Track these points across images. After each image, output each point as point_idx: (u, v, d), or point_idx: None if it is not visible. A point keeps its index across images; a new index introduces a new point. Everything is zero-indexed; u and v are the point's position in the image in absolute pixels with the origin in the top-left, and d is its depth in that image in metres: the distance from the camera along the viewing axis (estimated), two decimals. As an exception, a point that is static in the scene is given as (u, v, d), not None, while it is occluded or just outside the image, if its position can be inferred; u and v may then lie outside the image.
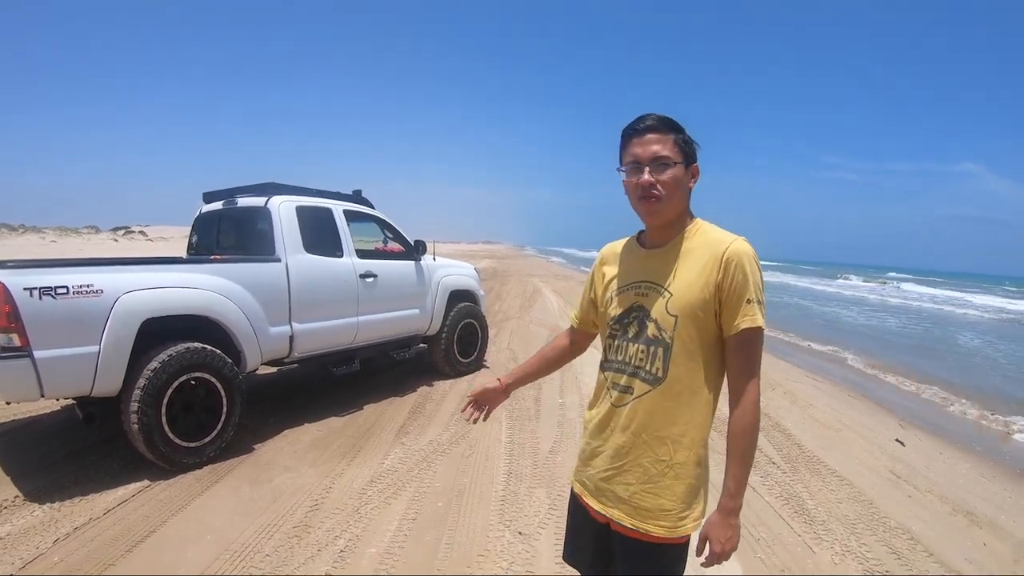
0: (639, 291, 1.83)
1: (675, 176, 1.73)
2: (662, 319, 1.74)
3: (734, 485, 1.70)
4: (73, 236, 44.16)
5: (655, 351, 1.75)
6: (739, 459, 1.70)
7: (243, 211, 6.30)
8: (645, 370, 1.77)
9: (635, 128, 1.77)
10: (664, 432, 1.75)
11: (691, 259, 1.74)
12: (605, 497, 1.86)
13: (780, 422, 6.66)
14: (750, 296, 1.66)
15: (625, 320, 1.84)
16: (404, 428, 5.85)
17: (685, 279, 1.73)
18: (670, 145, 1.73)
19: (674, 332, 1.72)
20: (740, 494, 1.70)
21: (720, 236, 1.74)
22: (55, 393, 4.28)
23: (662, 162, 1.72)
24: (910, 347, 15.37)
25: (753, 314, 1.66)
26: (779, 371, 9.96)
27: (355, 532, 3.81)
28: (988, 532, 4.44)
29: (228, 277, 5.17)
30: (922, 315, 26.22)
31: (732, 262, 1.67)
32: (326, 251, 6.22)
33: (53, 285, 4.10)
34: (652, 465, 1.77)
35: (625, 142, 1.80)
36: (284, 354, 5.79)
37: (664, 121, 1.76)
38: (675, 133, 1.76)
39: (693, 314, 1.70)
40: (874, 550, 3.92)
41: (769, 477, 5.03)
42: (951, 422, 8.02)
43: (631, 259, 1.93)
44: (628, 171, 1.79)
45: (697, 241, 1.77)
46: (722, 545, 1.69)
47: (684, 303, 1.71)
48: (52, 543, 3.56)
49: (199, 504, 4.14)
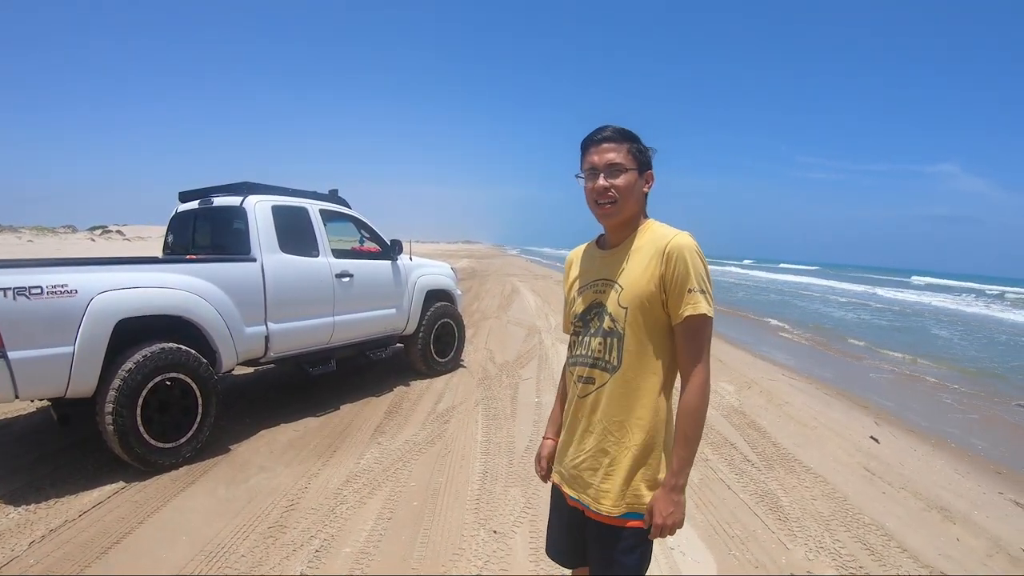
0: (597, 288, 1.97)
1: (629, 182, 1.87)
2: (615, 312, 1.88)
3: (678, 464, 1.82)
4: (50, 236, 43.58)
5: (611, 342, 1.89)
6: (683, 440, 1.82)
7: (219, 210, 6.29)
8: (604, 360, 1.91)
9: (592, 138, 1.92)
10: (621, 417, 1.89)
11: (639, 255, 1.88)
12: (577, 484, 1.98)
13: (756, 420, 6.74)
14: (692, 286, 1.78)
15: (587, 316, 1.98)
16: (380, 428, 5.88)
17: (633, 273, 1.86)
18: (624, 153, 1.87)
19: (625, 323, 1.86)
20: (683, 472, 1.82)
21: (664, 232, 1.88)
22: (30, 394, 4.26)
23: (617, 169, 1.87)
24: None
25: (696, 302, 1.78)
26: (756, 369, 10.08)
27: (330, 532, 3.84)
28: (962, 528, 4.48)
29: (203, 277, 5.16)
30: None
31: (674, 255, 1.79)
32: (302, 251, 6.22)
33: (27, 285, 4.07)
34: (614, 449, 1.90)
35: (584, 151, 1.95)
36: (260, 354, 5.79)
37: (620, 131, 1.90)
38: (630, 142, 1.90)
39: (641, 305, 1.84)
40: (848, 546, 3.97)
41: (744, 475, 5.09)
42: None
43: (591, 261, 2.07)
44: (586, 177, 1.94)
45: (646, 239, 1.90)
46: (664, 518, 1.80)
47: (632, 295, 1.85)
48: (27, 545, 3.56)
49: (175, 505, 4.15)
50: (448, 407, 6.63)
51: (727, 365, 10.06)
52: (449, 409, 6.54)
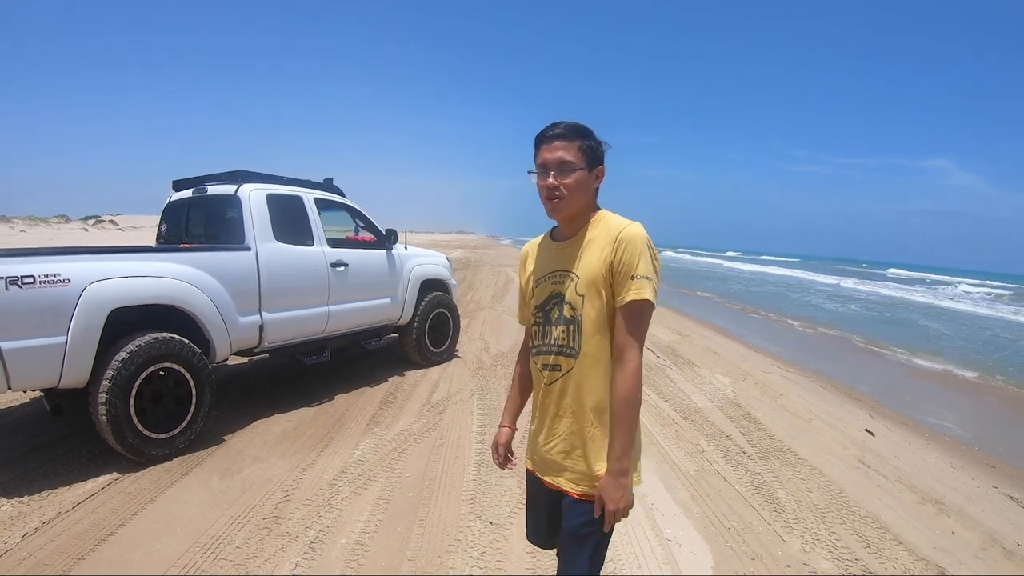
0: (555, 279, 2.03)
1: (577, 179, 1.93)
2: (573, 300, 1.95)
3: (619, 448, 1.85)
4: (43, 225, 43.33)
5: (571, 329, 1.96)
6: (621, 423, 1.86)
7: (213, 199, 6.24)
8: (568, 347, 1.97)
9: (545, 135, 1.97)
10: (585, 400, 1.96)
11: (594, 245, 1.94)
12: (551, 469, 2.07)
13: (751, 412, 6.74)
14: (635, 272, 1.84)
15: (547, 307, 2.05)
16: (375, 418, 5.86)
17: (588, 262, 1.93)
18: (574, 151, 1.93)
19: (582, 310, 1.93)
20: (626, 456, 1.86)
21: (617, 222, 1.95)
22: (22, 385, 4.23)
23: (566, 167, 1.93)
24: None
25: (638, 288, 1.84)
26: (750, 362, 10.11)
27: (326, 523, 3.83)
28: (956, 521, 4.52)
29: (197, 266, 5.12)
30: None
31: (624, 243, 1.87)
32: (296, 240, 6.19)
33: (19, 274, 4.03)
34: (581, 431, 1.98)
35: (536, 147, 2.00)
36: (254, 344, 5.76)
37: (571, 128, 1.96)
38: (581, 139, 1.95)
39: (596, 291, 1.91)
40: (843, 539, 3.99)
41: (740, 466, 5.10)
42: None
43: (546, 253, 2.13)
44: (537, 174, 1.99)
45: (599, 229, 1.97)
46: (615, 503, 1.85)
47: (587, 282, 1.92)
48: (20, 538, 3.54)
49: (169, 496, 4.13)
50: (443, 397, 6.61)
51: (722, 357, 10.08)
52: (444, 399, 6.52)
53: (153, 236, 7.23)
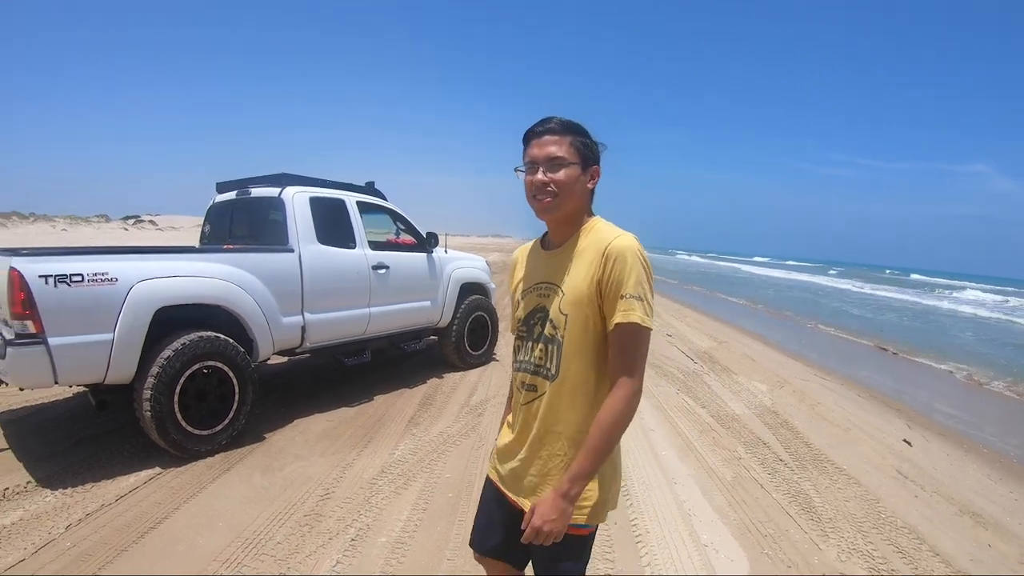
0: (540, 292, 1.89)
1: (569, 176, 1.78)
2: (556, 318, 1.80)
3: (576, 470, 1.70)
4: (84, 224, 44.18)
5: (551, 349, 1.82)
6: (589, 450, 1.71)
7: (256, 201, 6.31)
8: (545, 368, 1.84)
9: (534, 130, 1.83)
10: (557, 428, 1.82)
11: (582, 258, 1.79)
12: (520, 489, 1.91)
13: (788, 419, 6.63)
14: (625, 292, 1.69)
15: (531, 321, 1.91)
16: (414, 419, 5.85)
17: (574, 278, 1.78)
18: (566, 147, 1.79)
19: (565, 330, 1.78)
20: (578, 483, 1.70)
21: (607, 233, 1.79)
22: (69, 380, 4.30)
23: (557, 163, 1.78)
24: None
25: (628, 309, 1.68)
26: (787, 369, 9.96)
27: (366, 521, 3.81)
28: (994, 533, 4.43)
29: (241, 267, 5.17)
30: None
31: (612, 258, 1.71)
32: (339, 242, 6.22)
33: (68, 273, 4.11)
34: (549, 459, 1.84)
35: (525, 143, 1.86)
36: (296, 344, 5.79)
37: (564, 124, 1.81)
38: (573, 135, 1.81)
39: (581, 311, 1.76)
40: (880, 548, 3.92)
41: (777, 474, 5.02)
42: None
43: (535, 262, 1.98)
44: (526, 170, 1.85)
45: (589, 240, 1.81)
46: (543, 520, 1.69)
47: (572, 300, 1.77)
48: (64, 529, 3.57)
49: (211, 491, 4.15)
50: (482, 400, 6.58)
51: (759, 364, 9.95)
52: (483, 402, 6.49)
53: (191, 236, 7.33)
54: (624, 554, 3.61)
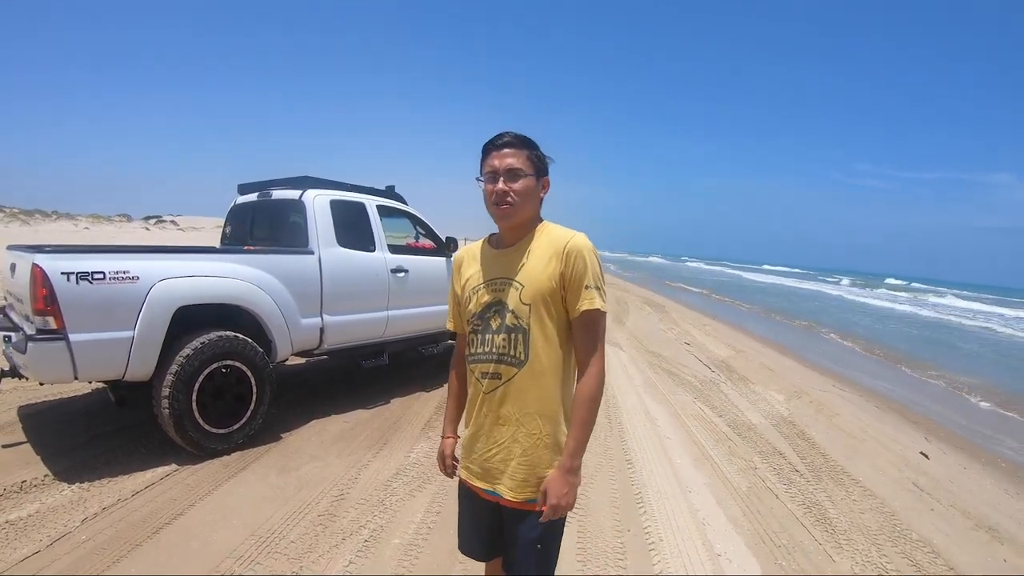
0: (495, 287, 2.01)
1: (527, 186, 1.95)
2: (518, 308, 1.94)
3: (574, 445, 1.89)
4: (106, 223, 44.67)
5: (516, 337, 1.95)
6: (580, 424, 1.90)
7: (277, 203, 6.35)
8: (510, 355, 1.95)
9: (494, 143, 1.99)
10: (532, 408, 1.95)
11: (538, 254, 1.96)
12: (490, 476, 2.03)
13: (805, 430, 6.57)
14: (588, 283, 1.89)
15: (487, 315, 2.02)
16: (430, 423, 5.85)
17: (534, 272, 1.94)
18: (523, 159, 1.96)
19: (529, 319, 1.93)
20: (578, 455, 1.90)
21: (562, 233, 1.98)
22: (88, 376, 4.35)
23: (516, 174, 1.94)
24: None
25: (592, 298, 1.89)
26: (805, 379, 9.85)
27: (380, 523, 3.81)
28: (1010, 548, 4.38)
29: (261, 268, 5.21)
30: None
31: (572, 255, 1.90)
32: (358, 245, 6.24)
33: (90, 270, 4.16)
34: (526, 439, 1.96)
35: (484, 155, 2.01)
36: (314, 345, 5.82)
37: (519, 138, 1.99)
38: (528, 149, 1.98)
39: (544, 301, 1.92)
40: (894, 561, 3.89)
41: (792, 485, 4.97)
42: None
43: (485, 260, 2.11)
44: (486, 180, 1.99)
45: (543, 239, 1.99)
46: (558, 499, 1.85)
47: (534, 292, 1.92)
48: (80, 522, 3.60)
49: (226, 489, 4.18)
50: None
51: (776, 373, 9.87)
52: (499, 407, 6.46)
53: (212, 237, 7.38)
54: (637, 561, 3.58)
